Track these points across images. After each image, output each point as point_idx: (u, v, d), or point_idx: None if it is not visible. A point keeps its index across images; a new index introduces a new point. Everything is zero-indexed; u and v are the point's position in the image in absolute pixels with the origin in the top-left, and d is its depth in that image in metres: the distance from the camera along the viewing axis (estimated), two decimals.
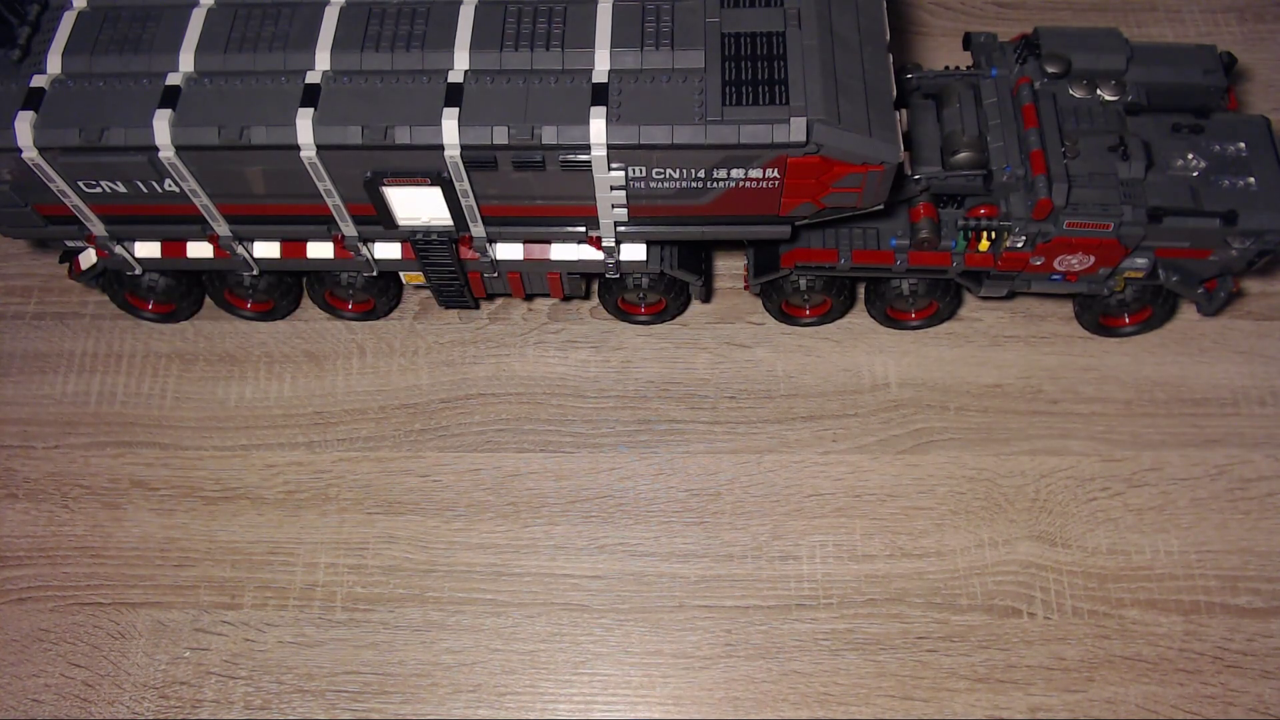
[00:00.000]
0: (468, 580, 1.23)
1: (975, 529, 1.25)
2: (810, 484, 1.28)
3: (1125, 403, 1.33)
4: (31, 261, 1.46)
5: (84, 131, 1.05)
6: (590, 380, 1.36)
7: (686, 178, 1.07)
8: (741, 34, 1.05)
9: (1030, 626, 1.19)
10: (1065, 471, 1.28)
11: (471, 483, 1.29)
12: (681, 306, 1.37)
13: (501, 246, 1.24)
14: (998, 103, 1.19)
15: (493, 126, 1.03)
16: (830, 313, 1.35)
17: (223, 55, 1.07)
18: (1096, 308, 1.32)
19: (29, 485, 1.30)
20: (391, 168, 1.07)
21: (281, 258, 1.25)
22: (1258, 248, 1.17)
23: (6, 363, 1.39)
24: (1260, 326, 1.38)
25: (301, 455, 1.31)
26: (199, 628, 1.21)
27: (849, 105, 1.02)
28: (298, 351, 1.38)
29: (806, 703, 1.16)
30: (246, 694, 1.17)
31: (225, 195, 1.14)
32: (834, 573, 1.23)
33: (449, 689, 1.18)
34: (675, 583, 1.23)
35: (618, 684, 1.18)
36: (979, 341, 1.38)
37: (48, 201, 1.15)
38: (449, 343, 1.39)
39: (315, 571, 1.24)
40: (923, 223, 1.19)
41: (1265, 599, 1.20)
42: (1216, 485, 1.27)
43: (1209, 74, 1.22)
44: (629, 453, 1.30)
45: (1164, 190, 1.16)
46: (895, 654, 1.18)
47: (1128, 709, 1.15)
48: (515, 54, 1.05)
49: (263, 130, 1.04)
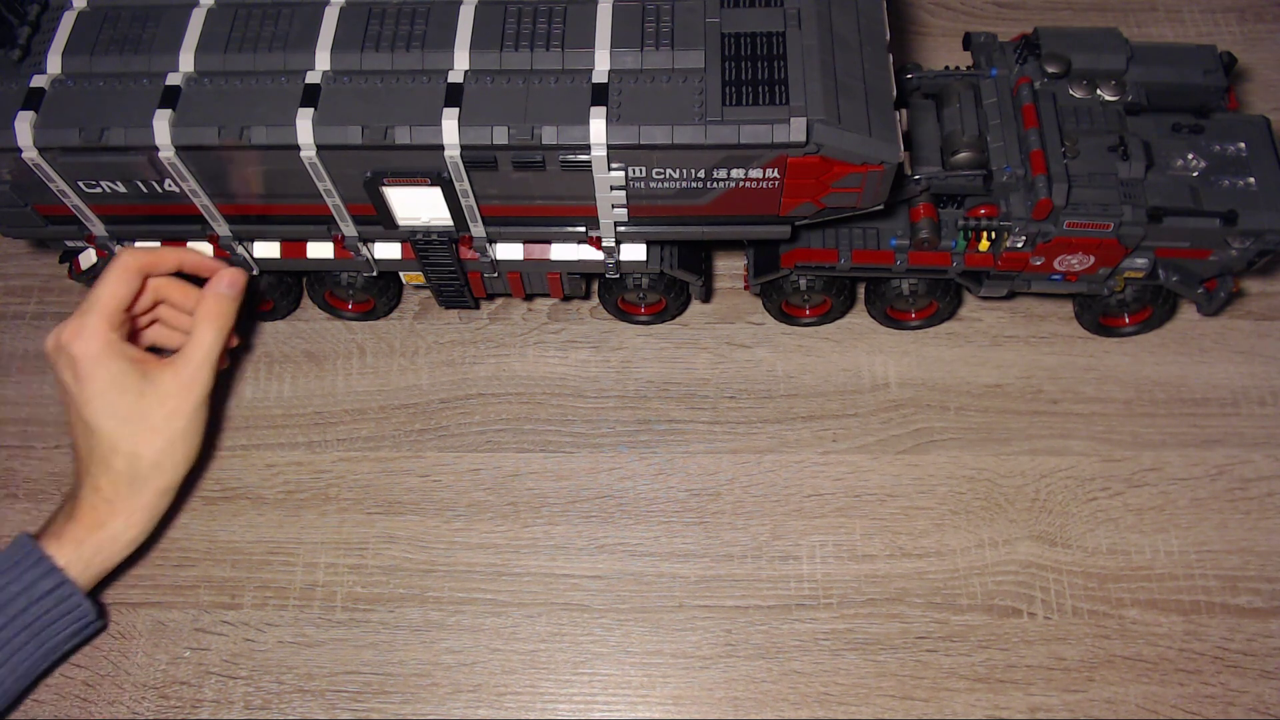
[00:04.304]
0: (468, 580, 1.23)
1: (975, 529, 1.25)
2: (810, 484, 1.28)
3: (1125, 403, 1.33)
4: (31, 261, 1.47)
5: (84, 131, 1.05)
6: (590, 380, 1.36)
7: (686, 178, 1.07)
8: (741, 34, 1.05)
9: (1030, 626, 1.19)
10: (1065, 471, 1.28)
11: (471, 483, 1.29)
12: (681, 306, 1.37)
13: (501, 246, 1.24)
14: (998, 103, 1.19)
15: (493, 126, 1.03)
16: (830, 313, 1.35)
17: (223, 55, 1.07)
18: (1096, 308, 1.32)
19: (29, 485, 1.30)
20: (391, 168, 1.07)
21: (281, 258, 1.25)
22: (1258, 248, 1.17)
23: (6, 363, 1.39)
24: (1260, 326, 1.38)
25: (301, 455, 1.31)
26: (199, 628, 1.21)
27: (849, 105, 1.02)
28: (298, 351, 1.38)
29: (806, 703, 1.16)
30: (246, 694, 1.17)
31: (225, 195, 1.14)
32: (834, 573, 1.23)
33: (449, 689, 1.18)
34: (675, 583, 1.23)
35: (618, 684, 1.18)
36: (979, 341, 1.38)
37: (48, 201, 1.15)
38: (449, 343, 1.39)
39: (315, 571, 1.24)
40: (923, 223, 1.19)
41: (1265, 599, 1.20)
42: (1216, 485, 1.27)
43: (1209, 74, 1.22)
44: (629, 453, 1.30)
45: (1164, 190, 1.16)
46: (895, 654, 1.18)
47: (1128, 709, 1.15)
48: (515, 54, 1.05)
49: (263, 130, 1.04)
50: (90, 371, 1.10)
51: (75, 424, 1.14)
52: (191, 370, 1.14)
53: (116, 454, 1.11)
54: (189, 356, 1.15)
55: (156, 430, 1.12)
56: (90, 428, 1.11)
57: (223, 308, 1.17)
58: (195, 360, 1.15)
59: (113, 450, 1.11)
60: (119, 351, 1.11)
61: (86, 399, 1.10)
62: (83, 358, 1.09)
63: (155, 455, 1.13)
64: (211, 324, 1.16)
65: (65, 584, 1.09)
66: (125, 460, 1.11)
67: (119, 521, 1.13)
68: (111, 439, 1.11)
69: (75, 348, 1.09)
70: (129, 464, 1.12)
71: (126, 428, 1.11)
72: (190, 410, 1.15)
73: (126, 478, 1.12)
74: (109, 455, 1.11)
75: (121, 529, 1.13)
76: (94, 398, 1.10)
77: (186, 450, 1.16)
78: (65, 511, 1.14)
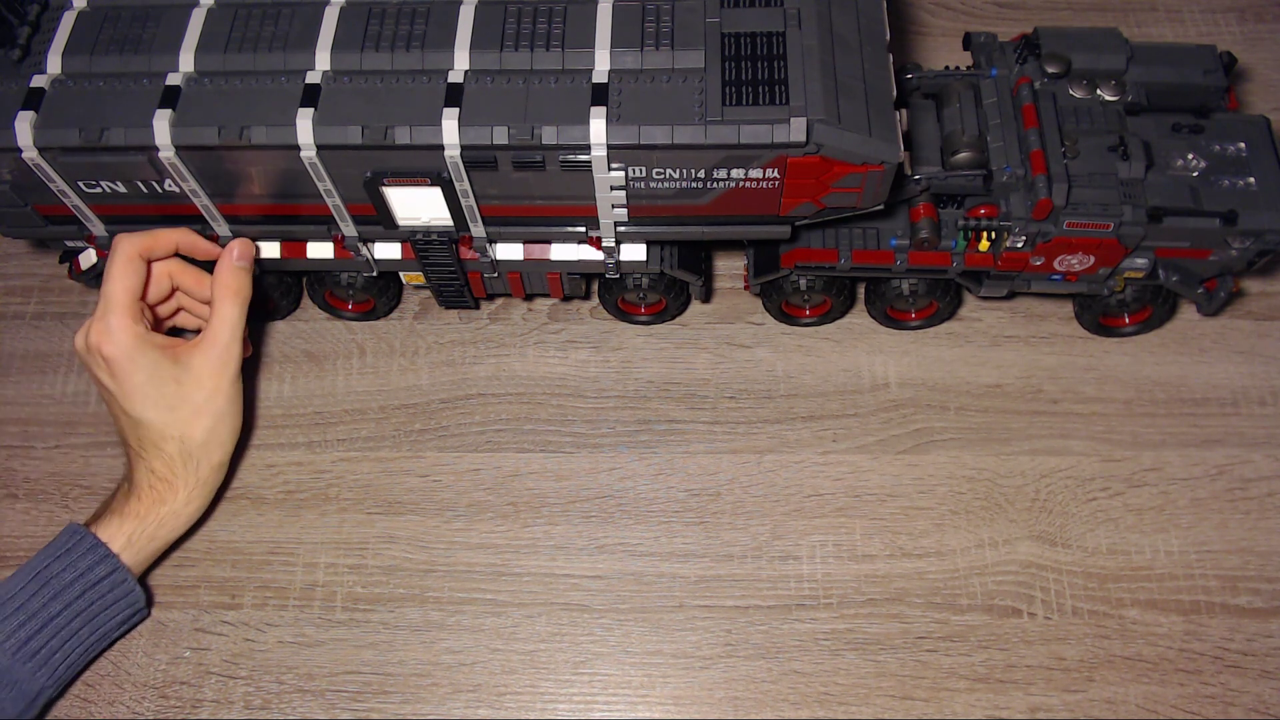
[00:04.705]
0: (468, 580, 1.23)
1: (975, 529, 1.25)
2: (810, 484, 1.28)
3: (1125, 403, 1.33)
4: (31, 261, 1.47)
5: (84, 131, 1.05)
6: (590, 380, 1.36)
7: (686, 178, 1.07)
8: (741, 34, 1.05)
9: (1030, 626, 1.19)
10: (1065, 471, 1.28)
11: (471, 483, 1.29)
12: (681, 306, 1.37)
13: (501, 246, 1.24)
14: (998, 103, 1.19)
15: (493, 126, 1.03)
16: (830, 313, 1.35)
17: (223, 55, 1.07)
18: (1096, 308, 1.32)
19: (29, 485, 1.30)
20: (391, 168, 1.07)
21: (281, 258, 1.26)
22: (1258, 248, 1.17)
23: (6, 363, 1.39)
24: (1260, 326, 1.38)
25: (301, 455, 1.31)
26: (199, 628, 1.21)
27: (849, 105, 1.02)
28: (298, 351, 1.38)
29: (806, 703, 1.16)
30: (246, 694, 1.17)
31: (225, 195, 1.14)
32: (834, 573, 1.23)
33: (449, 689, 1.18)
34: (675, 583, 1.23)
35: (618, 684, 1.18)
36: (979, 341, 1.38)
37: (48, 201, 1.15)
38: (449, 343, 1.39)
39: (315, 571, 1.24)
40: (923, 223, 1.19)
41: (1265, 599, 1.20)
42: (1216, 485, 1.27)
43: (1209, 74, 1.22)
44: (629, 453, 1.30)
45: (1164, 190, 1.16)
46: (895, 654, 1.18)
47: (1128, 709, 1.15)
48: (515, 54, 1.05)
49: (263, 130, 1.04)
50: (126, 369, 1.12)
51: (120, 418, 1.16)
52: (221, 348, 1.17)
53: (167, 440, 1.14)
54: (216, 334, 1.17)
55: (200, 411, 1.16)
56: (137, 420, 1.14)
57: (239, 281, 1.18)
58: (223, 338, 1.17)
59: (163, 437, 1.14)
60: (148, 343, 1.13)
61: (127, 394, 1.13)
62: (115, 358, 1.11)
63: (204, 435, 1.16)
64: (230, 299, 1.17)
65: (119, 569, 1.12)
66: (177, 444, 1.15)
67: (180, 496, 1.17)
68: (160, 428, 1.14)
69: (106, 350, 1.11)
70: (181, 447, 1.15)
71: (172, 415, 1.14)
72: (228, 387, 1.18)
73: (181, 459, 1.16)
74: (160, 442, 1.14)
75: (183, 503, 1.17)
76: (134, 392, 1.12)
77: (232, 424, 1.20)
78: (123, 493, 1.17)
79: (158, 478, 1.16)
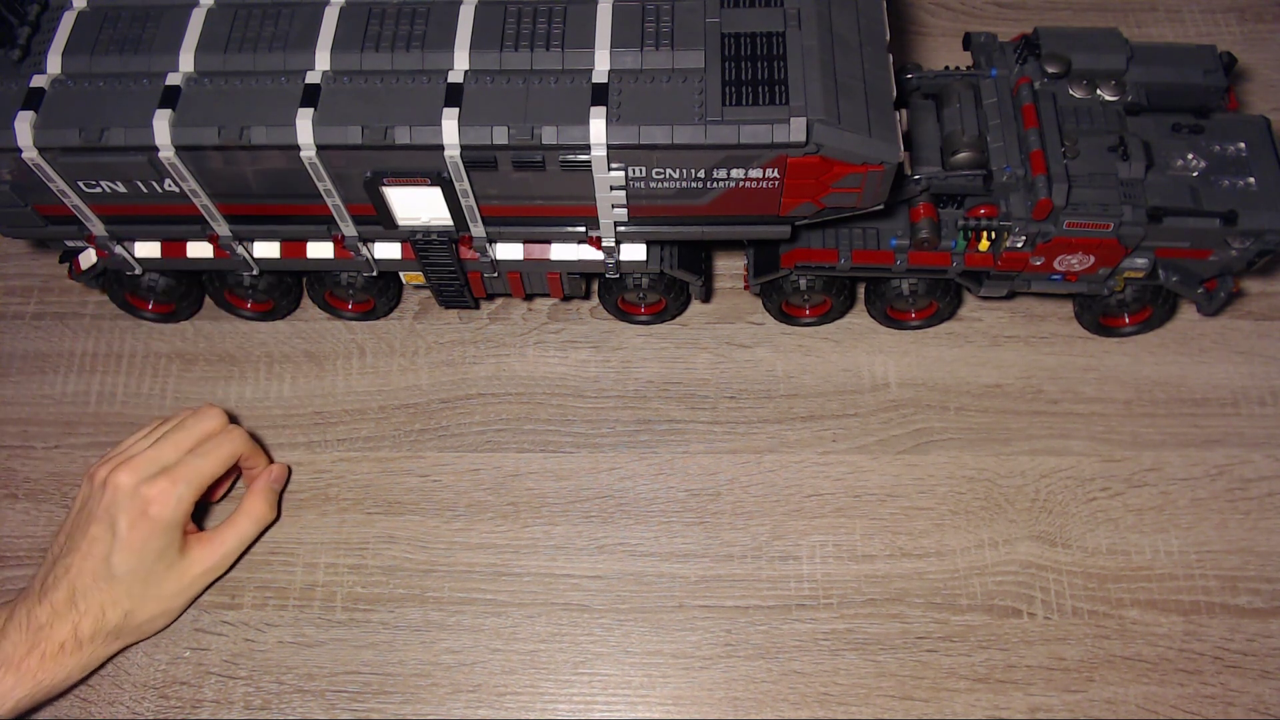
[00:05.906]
0: (468, 580, 1.23)
1: (975, 529, 1.25)
2: (810, 484, 1.28)
3: (1125, 403, 1.33)
4: (31, 261, 1.46)
5: (84, 131, 1.05)
6: (590, 380, 1.36)
7: (686, 178, 1.07)
8: (741, 34, 1.05)
9: (1030, 626, 1.19)
10: (1065, 471, 1.28)
11: (471, 483, 1.29)
12: (681, 306, 1.37)
13: (501, 246, 1.24)
14: (998, 103, 1.19)
15: (493, 126, 1.03)
16: (830, 313, 1.35)
17: (223, 55, 1.07)
18: (1096, 308, 1.32)
19: (29, 485, 1.30)
20: (391, 168, 1.07)
21: (281, 258, 1.25)
22: (1258, 248, 1.17)
23: (6, 363, 1.39)
24: (1260, 326, 1.38)
25: (301, 455, 1.31)
26: (199, 628, 1.21)
27: (849, 105, 1.02)
28: (298, 351, 1.38)
29: (806, 703, 1.16)
30: (246, 694, 1.17)
31: (225, 195, 1.14)
32: (834, 573, 1.23)
33: (449, 689, 1.18)
34: (675, 583, 1.23)
35: (618, 684, 1.18)
36: (979, 341, 1.38)
37: (48, 201, 1.15)
38: (449, 343, 1.39)
39: (315, 571, 1.24)
40: (923, 223, 1.19)
41: (1265, 599, 1.20)
42: (1216, 485, 1.27)
43: (1209, 74, 1.22)
44: (629, 453, 1.30)
45: (1164, 190, 1.16)
46: (895, 654, 1.18)
47: (1128, 709, 1.15)
48: (515, 54, 1.05)
49: (263, 130, 1.04)
50: (150, 532, 1.11)
51: (89, 559, 1.10)
52: (219, 558, 1.20)
53: (116, 607, 1.11)
54: (223, 541, 1.20)
55: (161, 600, 1.16)
56: (109, 571, 1.10)
57: (264, 507, 1.23)
58: (227, 547, 1.20)
59: (114, 603, 1.11)
60: (181, 524, 1.14)
61: (126, 548, 1.11)
62: (158, 520, 1.12)
63: (145, 620, 1.16)
64: (251, 520, 1.22)
65: None
66: (119, 615, 1.12)
67: (37, 661, 1.07)
68: (121, 593, 1.11)
69: (155, 510, 1.11)
70: (121, 620, 1.12)
71: (140, 588, 1.13)
72: (198, 590, 1.20)
73: (105, 630, 1.11)
74: (107, 605, 1.11)
75: (52, 670, 1.08)
76: (134, 553, 1.11)
77: (167, 621, 1.19)
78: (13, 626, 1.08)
79: (56, 629, 1.07)
